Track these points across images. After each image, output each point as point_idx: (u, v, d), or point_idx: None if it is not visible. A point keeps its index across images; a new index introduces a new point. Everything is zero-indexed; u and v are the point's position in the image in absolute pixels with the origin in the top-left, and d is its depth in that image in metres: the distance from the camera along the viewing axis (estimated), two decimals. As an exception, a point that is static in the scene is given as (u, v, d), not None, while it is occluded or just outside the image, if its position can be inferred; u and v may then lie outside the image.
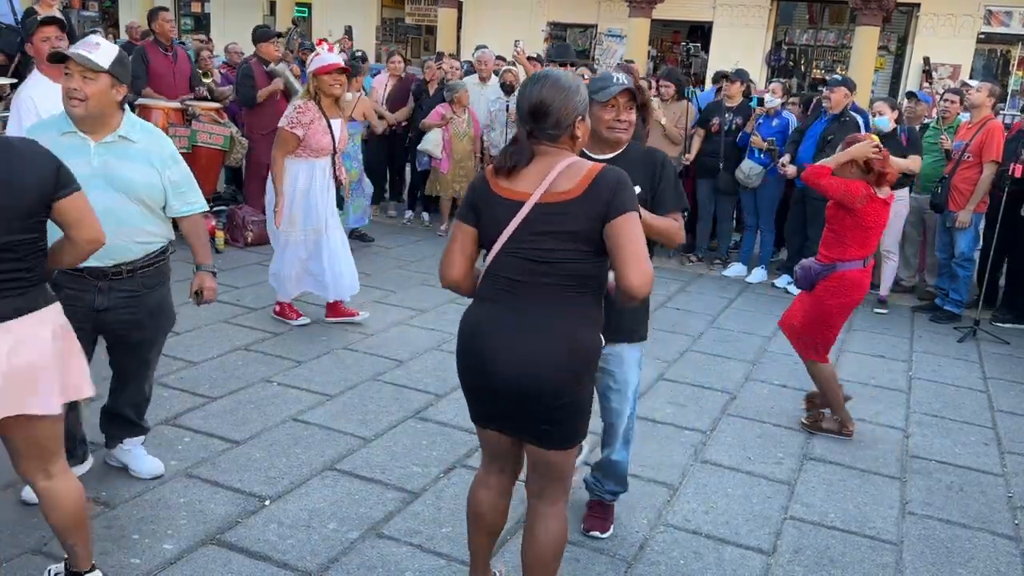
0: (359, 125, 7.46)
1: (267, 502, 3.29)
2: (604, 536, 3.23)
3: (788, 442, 4.22)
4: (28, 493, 3.04)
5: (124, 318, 3.05)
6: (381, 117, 8.14)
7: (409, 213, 8.93)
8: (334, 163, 5.18)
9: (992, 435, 4.54)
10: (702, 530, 3.35)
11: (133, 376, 3.27)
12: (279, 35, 7.80)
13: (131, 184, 2.95)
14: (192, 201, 3.16)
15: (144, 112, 6.86)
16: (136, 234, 3.01)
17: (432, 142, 7.86)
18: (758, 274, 7.49)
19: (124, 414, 3.33)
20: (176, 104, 7.17)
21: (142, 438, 3.43)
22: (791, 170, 6.84)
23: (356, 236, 7.46)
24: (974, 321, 6.31)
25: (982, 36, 14.47)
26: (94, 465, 3.41)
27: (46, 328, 2.37)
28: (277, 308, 5.46)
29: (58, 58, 2.88)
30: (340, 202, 5.32)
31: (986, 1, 14.17)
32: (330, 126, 5.06)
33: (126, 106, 3.03)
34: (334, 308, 5.49)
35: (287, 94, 7.72)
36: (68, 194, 2.38)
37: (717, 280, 7.47)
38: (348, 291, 5.41)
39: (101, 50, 2.84)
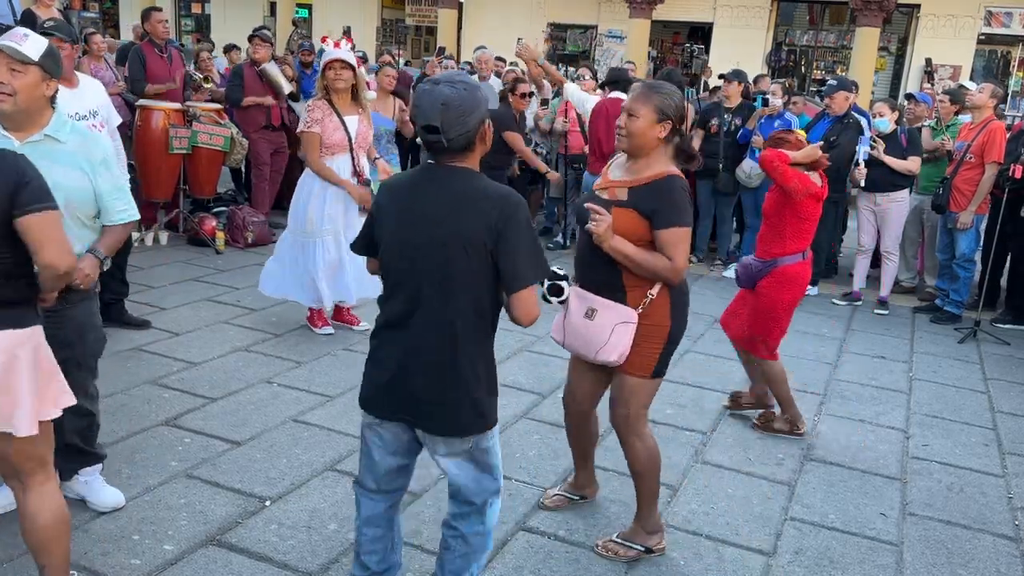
0: (391, 123, 7.13)
1: (267, 503, 3.29)
2: None
3: (788, 443, 4.22)
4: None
5: (48, 334, 2.64)
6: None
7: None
8: (354, 160, 5.02)
9: (992, 436, 4.54)
10: (702, 531, 3.35)
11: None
12: (258, 36, 7.83)
13: (59, 190, 2.57)
14: (123, 209, 2.89)
15: (144, 113, 6.87)
16: None
17: None
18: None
19: (71, 442, 3.02)
20: (177, 105, 7.17)
21: (99, 467, 3.19)
22: None
23: None
24: (975, 322, 6.31)
25: (982, 37, 14.48)
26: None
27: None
28: (308, 314, 5.32)
29: None
30: None
31: (986, 2, 14.18)
32: (343, 123, 4.93)
33: (57, 104, 2.80)
34: (337, 311, 5.43)
35: (276, 93, 7.76)
36: (25, 213, 2.20)
37: (717, 281, 7.47)
38: (373, 291, 5.22)
39: (29, 41, 2.63)
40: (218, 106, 7.73)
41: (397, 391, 2.34)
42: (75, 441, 3.04)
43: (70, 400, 2.46)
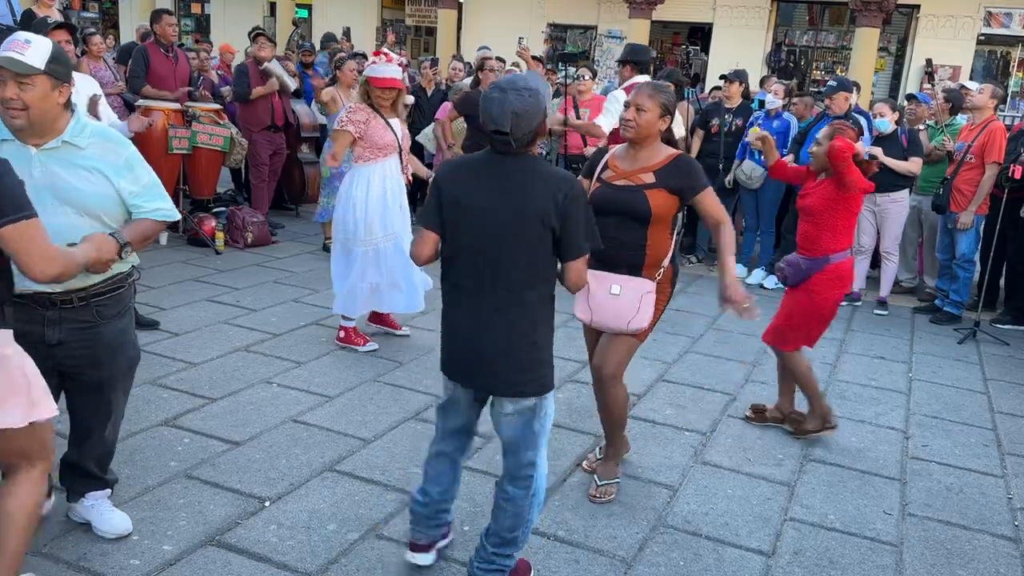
0: None
1: (267, 503, 3.29)
2: None
3: (788, 443, 4.22)
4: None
5: (78, 353, 2.65)
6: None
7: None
8: (402, 161, 4.98)
9: (992, 437, 4.53)
10: (702, 531, 3.35)
11: (93, 423, 2.85)
12: (263, 35, 7.89)
13: (79, 196, 2.56)
14: (156, 208, 2.72)
15: (145, 113, 6.87)
16: None
17: (427, 136, 7.95)
18: (758, 275, 7.49)
19: (85, 466, 2.94)
20: (176, 105, 7.17)
21: (108, 492, 3.04)
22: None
23: None
24: (974, 323, 6.31)
25: (982, 37, 14.47)
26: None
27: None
28: (342, 334, 5.07)
29: None
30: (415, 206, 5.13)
31: (986, 2, 14.18)
32: (389, 124, 4.87)
33: (75, 107, 2.66)
34: (381, 316, 5.31)
35: (282, 91, 7.78)
36: (3, 224, 2.11)
37: (716, 281, 7.45)
38: (419, 302, 5.07)
39: (32, 48, 2.44)
40: (218, 106, 7.74)
41: (469, 355, 2.66)
42: (89, 466, 2.94)
43: (19, 420, 2.28)
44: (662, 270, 3.37)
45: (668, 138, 3.39)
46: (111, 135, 2.72)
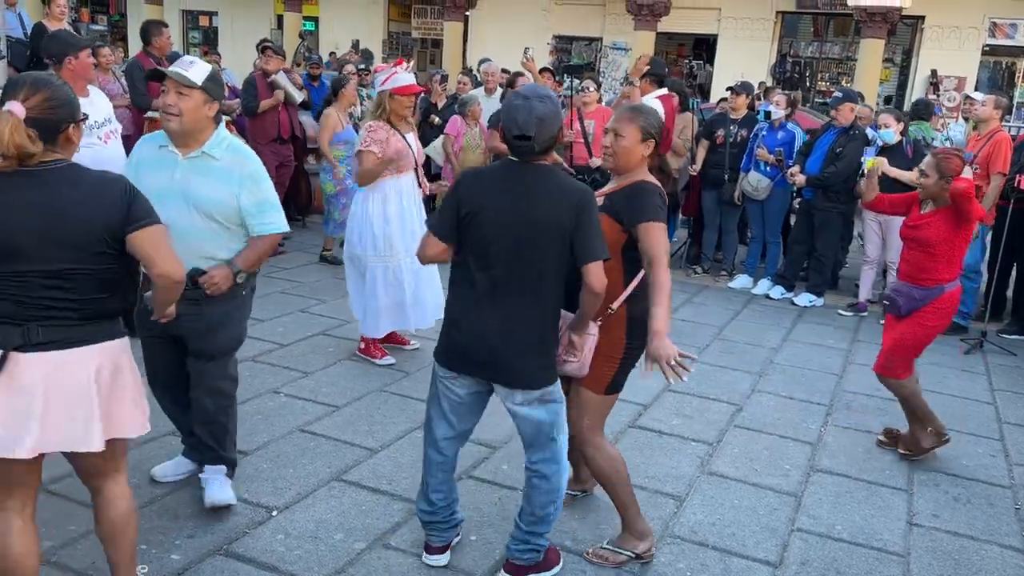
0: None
1: (274, 512, 3.30)
2: None
3: (795, 454, 4.22)
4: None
5: (186, 323, 3.05)
6: None
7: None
8: (418, 176, 4.99)
9: (999, 447, 4.53)
10: (708, 542, 3.35)
11: (195, 385, 3.23)
12: (271, 48, 7.99)
13: (203, 201, 2.99)
14: (269, 221, 3.11)
15: (154, 126, 6.91)
16: (201, 251, 3.01)
17: (435, 149, 7.98)
18: (763, 285, 7.49)
19: (198, 434, 3.29)
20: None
21: (223, 468, 3.32)
22: (801, 179, 6.86)
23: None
24: (981, 333, 6.30)
25: (987, 48, 14.50)
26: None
27: (91, 364, 2.32)
28: (362, 346, 5.11)
29: (156, 75, 3.05)
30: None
31: (991, 13, 14.21)
32: (408, 141, 4.87)
33: (222, 124, 3.13)
34: (390, 333, 5.26)
35: (288, 103, 7.83)
36: (137, 228, 2.31)
37: (723, 291, 7.47)
38: (432, 318, 5.03)
39: (195, 68, 2.97)
40: (226, 118, 7.79)
41: (481, 352, 2.72)
42: (200, 433, 3.28)
43: (135, 430, 2.48)
44: (610, 311, 2.91)
45: (660, 166, 3.10)
46: (242, 149, 3.15)
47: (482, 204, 2.67)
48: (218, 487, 3.26)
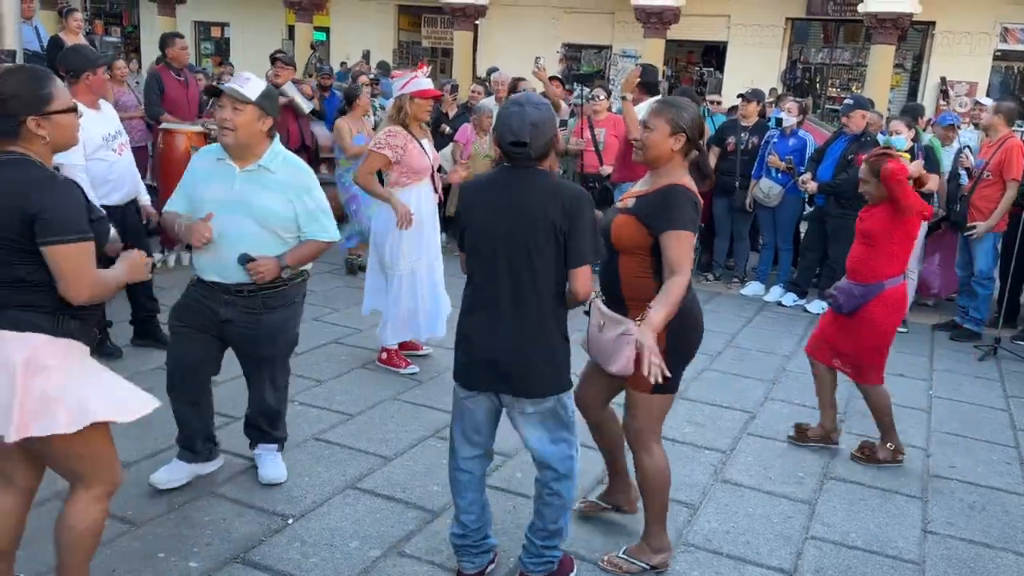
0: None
1: (290, 520, 3.33)
2: None
3: (808, 461, 4.21)
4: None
5: (242, 331, 3.27)
6: None
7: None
8: (434, 182, 5.01)
9: (1014, 454, 4.51)
10: (723, 550, 3.35)
11: (254, 384, 3.52)
12: (280, 60, 8.10)
13: (264, 212, 3.17)
14: (320, 229, 3.31)
15: (167, 136, 6.98)
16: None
17: (444, 156, 8.02)
18: (776, 292, 7.48)
19: (255, 422, 3.58)
20: (199, 128, 7.28)
21: (275, 446, 3.64)
22: (812, 186, 6.86)
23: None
24: (994, 339, 6.28)
25: (998, 53, 14.46)
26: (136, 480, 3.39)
27: (15, 353, 2.26)
28: (384, 356, 5.10)
29: (213, 92, 3.21)
30: (444, 225, 5.08)
31: (1002, 18, 14.17)
32: (425, 148, 4.90)
33: (276, 138, 3.28)
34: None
35: (295, 113, 7.89)
36: (52, 243, 2.23)
37: (735, 299, 7.47)
38: (441, 329, 5.10)
39: (250, 84, 3.12)
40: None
41: (489, 363, 2.74)
42: (258, 421, 3.57)
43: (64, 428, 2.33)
44: (650, 309, 2.81)
45: (699, 163, 3.04)
46: (297, 162, 3.34)
47: (479, 209, 2.75)
48: (272, 465, 3.58)
